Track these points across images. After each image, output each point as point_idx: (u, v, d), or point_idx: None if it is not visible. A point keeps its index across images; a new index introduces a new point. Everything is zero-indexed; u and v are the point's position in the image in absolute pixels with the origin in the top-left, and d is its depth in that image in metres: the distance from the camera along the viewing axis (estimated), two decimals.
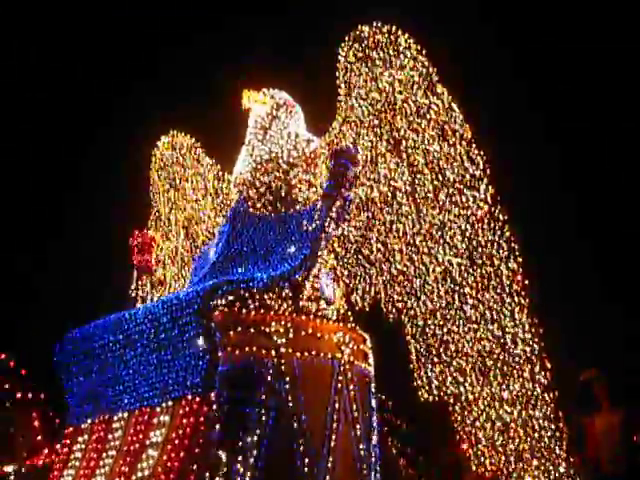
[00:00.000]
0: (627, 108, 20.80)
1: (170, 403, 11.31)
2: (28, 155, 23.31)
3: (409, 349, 14.18)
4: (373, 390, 13.60)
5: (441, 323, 13.90)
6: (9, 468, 17.37)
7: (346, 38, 15.26)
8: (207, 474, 10.29)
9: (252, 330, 12.16)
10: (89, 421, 12.70)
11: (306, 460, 11.88)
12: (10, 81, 22.60)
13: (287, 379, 12.07)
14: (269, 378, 12.01)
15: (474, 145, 14.21)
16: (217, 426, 10.69)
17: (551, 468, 12.97)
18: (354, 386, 12.91)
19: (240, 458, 10.81)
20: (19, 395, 18.22)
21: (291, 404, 12.02)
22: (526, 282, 13.39)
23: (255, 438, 11.50)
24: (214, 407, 10.76)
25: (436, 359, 13.90)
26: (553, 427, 13.04)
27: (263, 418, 11.74)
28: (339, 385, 12.69)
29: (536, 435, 13.11)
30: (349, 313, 14.55)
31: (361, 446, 12.81)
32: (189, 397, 11.07)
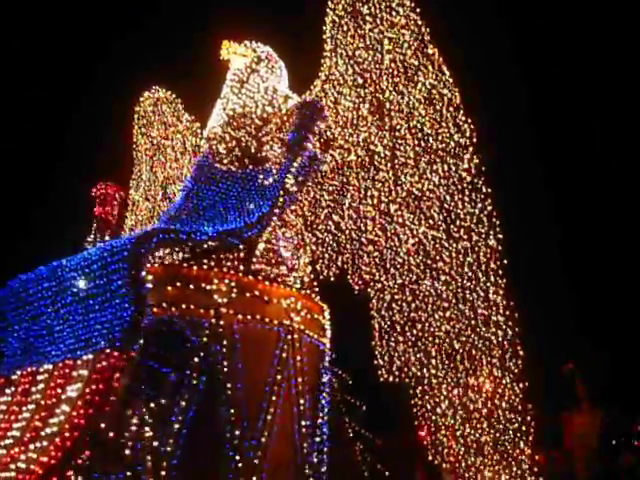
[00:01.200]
0: None
1: (90, 356, 10.12)
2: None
3: (373, 325, 12.81)
4: (327, 365, 12.33)
5: (409, 299, 12.50)
6: None
7: None
8: (112, 434, 9.12)
9: (191, 286, 11.00)
10: (18, 372, 11.60)
11: (237, 432, 10.69)
12: None
13: (224, 342, 10.87)
14: (204, 340, 10.87)
15: (462, 111, 12.77)
16: (132, 384, 9.52)
17: (513, 464, 11.52)
18: (302, 358, 11.62)
19: (153, 421, 9.68)
20: None
21: (226, 370, 10.83)
22: (505, 261, 11.93)
23: (182, 403, 10.41)
24: (131, 364, 9.56)
25: (400, 337, 12.51)
26: (520, 420, 11.58)
27: (193, 382, 10.62)
28: (284, 355, 11.42)
29: (500, 427, 11.66)
30: (314, 282, 13.32)
31: (304, 423, 11.53)
32: (108, 351, 9.87)
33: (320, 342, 12.25)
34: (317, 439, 11.79)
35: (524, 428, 11.46)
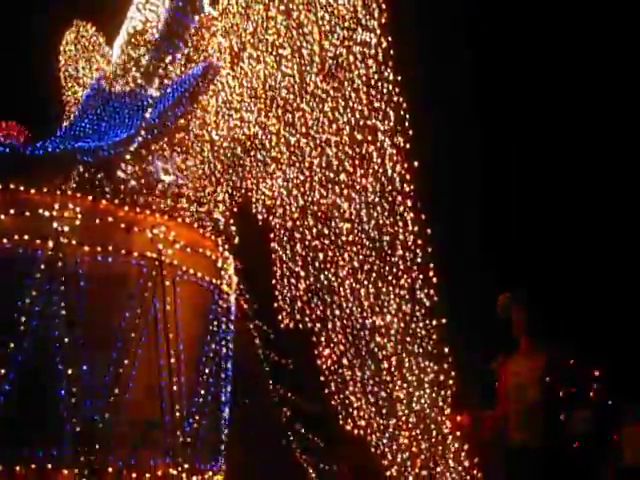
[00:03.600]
0: None
1: None
2: None
3: (274, 260, 10.06)
4: (223, 311, 9.84)
5: (311, 224, 9.63)
6: None
7: None
8: None
9: (28, 213, 9.00)
10: None
11: (75, 389, 8.52)
12: None
13: (64, 279, 8.77)
14: (37, 276, 8.82)
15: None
16: None
17: (432, 427, 8.32)
18: (175, 300, 9.23)
19: None
20: None
21: (64, 312, 8.73)
22: (415, 163, 8.79)
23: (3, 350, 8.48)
24: None
25: (302, 272, 9.67)
26: (437, 369, 8.37)
27: (21, 328, 8.64)
28: (145, 294, 9.09)
29: (414, 380, 8.50)
30: (231, 220, 10.90)
31: (177, 380, 9.08)
32: None
33: (210, 283, 9.80)
34: (197, 399, 9.36)
35: (442, 380, 8.24)
